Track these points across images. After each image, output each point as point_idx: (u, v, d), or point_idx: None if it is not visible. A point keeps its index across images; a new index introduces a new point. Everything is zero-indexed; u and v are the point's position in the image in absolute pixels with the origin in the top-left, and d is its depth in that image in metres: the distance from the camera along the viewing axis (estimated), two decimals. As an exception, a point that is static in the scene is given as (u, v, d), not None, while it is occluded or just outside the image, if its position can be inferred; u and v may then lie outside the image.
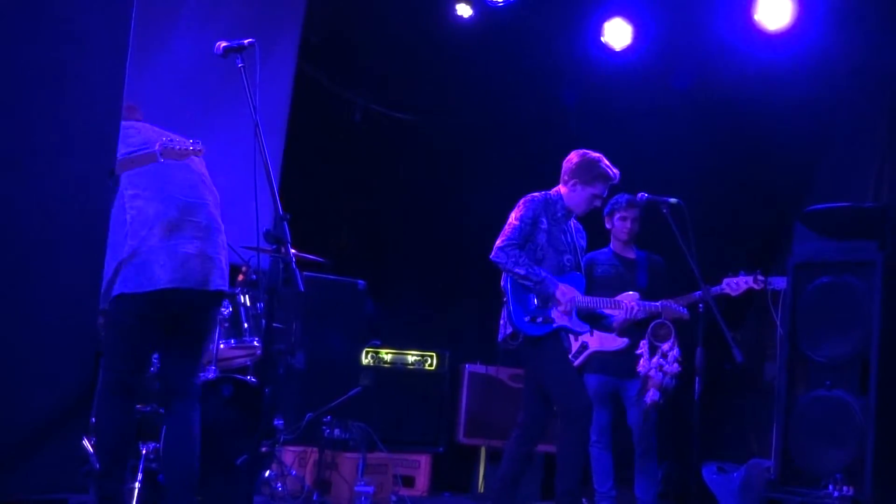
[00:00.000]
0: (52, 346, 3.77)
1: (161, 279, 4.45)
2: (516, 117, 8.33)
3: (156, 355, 5.60)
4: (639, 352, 5.62)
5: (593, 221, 5.73)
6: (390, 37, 8.12)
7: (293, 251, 3.94)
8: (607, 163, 5.34)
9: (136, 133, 4.56)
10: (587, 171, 5.33)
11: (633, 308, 5.34)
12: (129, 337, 4.52)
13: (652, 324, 5.69)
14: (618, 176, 5.36)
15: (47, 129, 3.74)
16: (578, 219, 5.52)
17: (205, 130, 7.26)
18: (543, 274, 5.19)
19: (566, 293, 5.21)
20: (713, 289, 5.62)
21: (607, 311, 5.39)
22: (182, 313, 4.57)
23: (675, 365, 5.50)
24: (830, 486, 5.34)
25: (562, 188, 5.41)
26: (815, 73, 6.72)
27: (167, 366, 4.75)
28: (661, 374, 5.48)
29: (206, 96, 7.15)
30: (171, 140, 4.33)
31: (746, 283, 5.67)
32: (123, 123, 4.47)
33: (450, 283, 8.32)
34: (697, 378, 5.05)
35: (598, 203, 5.44)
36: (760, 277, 5.71)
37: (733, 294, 5.69)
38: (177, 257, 4.48)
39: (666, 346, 5.57)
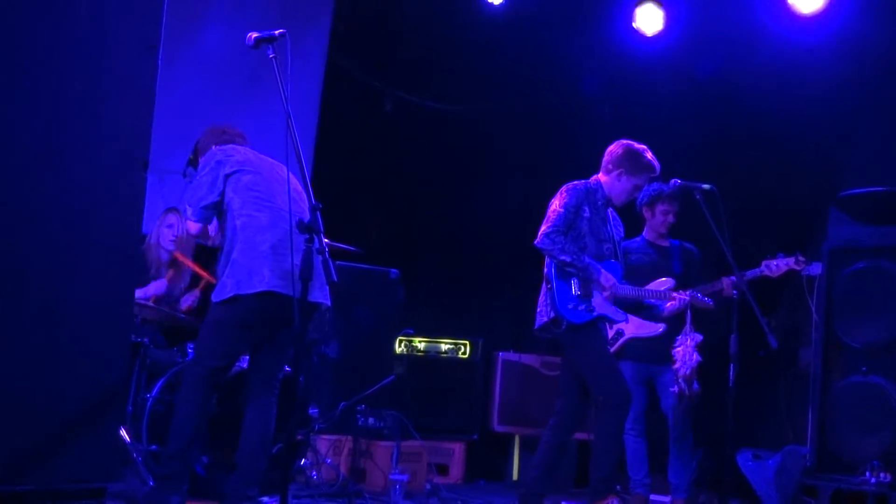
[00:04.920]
0: (89, 337, 3.80)
1: (269, 282, 4.57)
2: (547, 105, 8.30)
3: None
4: (685, 342, 5.58)
5: (622, 210, 5.70)
6: (420, 26, 8.11)
7: (326, 240, 3.96)
8: (651, 155, 5.35)
9: (238, 153, 4.81)
10: (634, 162, 5.32)
11: (685, 300, 5.40)
12: (229, 337, 4.66)
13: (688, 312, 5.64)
14: (659, 169, 5.38)
15: (81, 121, 3.77)
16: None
17: (236, 121, 7.27)
18: (587, 260, 5.21)
19: (609, 278, 5.23)
20: (752, 271, 5.58)
21: (655, 301, 5.45)
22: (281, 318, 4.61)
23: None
24: (867, 473, 5.31)
25: (602, 177, 5.40)
26: (849, 55, 6.64)
27: (258, 363, 4.82)
28: (693, 361, 5.48)
29: (237, 87, 7.18)
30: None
31: (787, 264, 5.61)
32: (226, 147, 4.83)
33: (482, 271, 8.32)
34: (732, 365, 5.02)
35: (637, 194, 5.50)
36: (801, 258, 5.64)
37: (773, 276, 5.63)
38: (283, 267, 4.56)
39: (696, 335, 5.55)
